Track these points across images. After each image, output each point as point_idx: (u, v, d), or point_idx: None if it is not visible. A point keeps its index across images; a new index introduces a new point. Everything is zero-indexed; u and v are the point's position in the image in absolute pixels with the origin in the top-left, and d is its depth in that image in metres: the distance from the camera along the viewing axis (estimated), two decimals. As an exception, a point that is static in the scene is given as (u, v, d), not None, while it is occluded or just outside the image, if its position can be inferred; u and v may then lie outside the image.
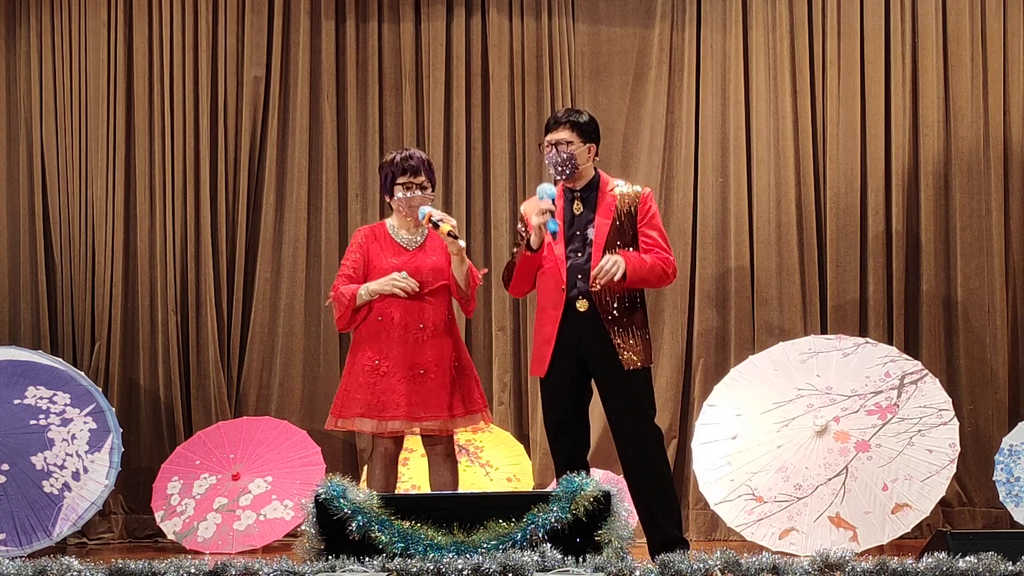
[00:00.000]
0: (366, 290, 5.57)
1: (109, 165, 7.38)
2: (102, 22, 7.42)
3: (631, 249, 5.46)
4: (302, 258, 7.37)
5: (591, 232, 5.46)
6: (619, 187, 5.54)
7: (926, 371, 6.44)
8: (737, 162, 7.22)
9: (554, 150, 5.48)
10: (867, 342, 6.56)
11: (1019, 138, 7.11)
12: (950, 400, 6.34)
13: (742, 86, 7.25)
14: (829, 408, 6.32)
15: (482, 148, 7.39)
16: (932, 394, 6.33)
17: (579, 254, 5.46)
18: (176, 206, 7.37)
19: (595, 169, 5.58)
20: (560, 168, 5.48)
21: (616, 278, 5.31)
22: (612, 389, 5.45)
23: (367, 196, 7.36)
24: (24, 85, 7.46)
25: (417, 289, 5.56)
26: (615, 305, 5.40)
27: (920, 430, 6.23)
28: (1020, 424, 6.57)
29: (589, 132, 5.54)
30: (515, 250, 5.63)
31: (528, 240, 5.44)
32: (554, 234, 5.39)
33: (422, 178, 5.62)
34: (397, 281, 5.53)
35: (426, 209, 5.54)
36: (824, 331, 7.04)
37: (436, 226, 5.49)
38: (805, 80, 7.21)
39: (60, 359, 6.91)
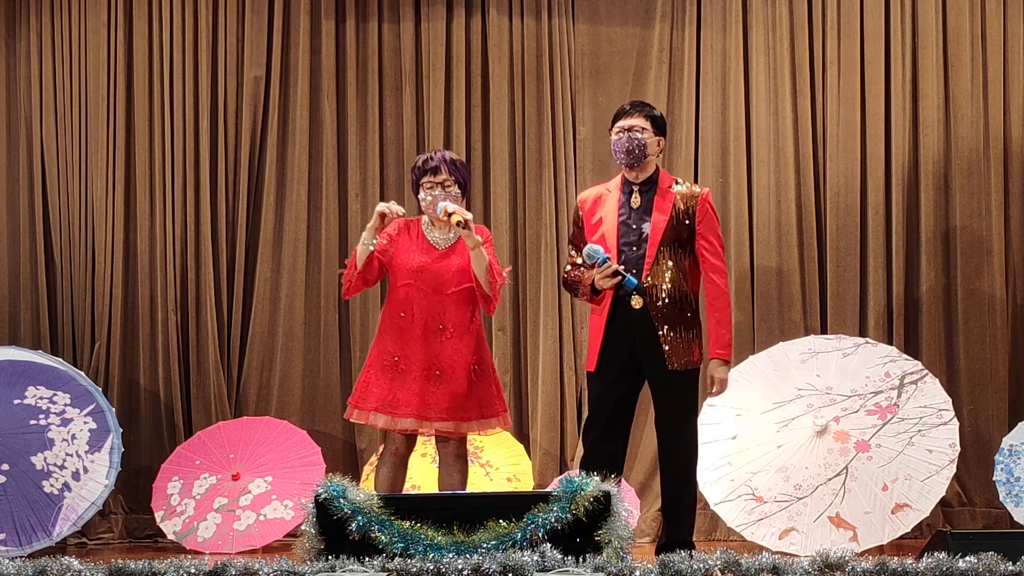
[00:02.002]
0: (361, 240, 5.56)
1: (109, 165, 7.39)
2: (102, 22, 7.42)
3: (688, 248, 5.46)
4: (302, 258, 7.37)
5: (647, 228, 5.46)
6: (678, 185, 5.55)
7: (926, 371, 6.44)
8: (737, 162, 7.22)
9: (626, 136, 5.49)
10: (867, 342, 6.57)
11: (1019, 138, 7.11)
12: (950, 400, 6.34)
13: (742, 86, 7.25)
14: (829, 408, 6.32)
15: (482, 148, 7.39)
16: (932, 394, 6.33)
17: (634, 248, 5.46)
18: (176, 206, 7.37)
19: (656, 165, 5.59)
20: (630, 154, 5.48)
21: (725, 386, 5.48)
22: (660, 388, 5.47)
23: (367, 196, 7.36)
24: (24, 85, 7.46)
25: (403, 211, 5.55)
26: (666, 302, 5.41)
27: (920, 430, 6.23)
28: (1020, 424, 6.57)
29: (661, 125, 5.59)
30: (571, 270, 5.61)
31: (592, 285, 5.44)
32: (635, 287, 5.38)
33: (443, 176, 5.57)
34: (379, 210, 5.50)
35: (443, 204, 5.51)
36: (824, 331, 7.04)
37: (450, 218, 5.47)
38: (805, 80, 7.22)
39: (60, 359, 6.91)
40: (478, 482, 6.80)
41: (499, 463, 6.95)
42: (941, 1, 7.18)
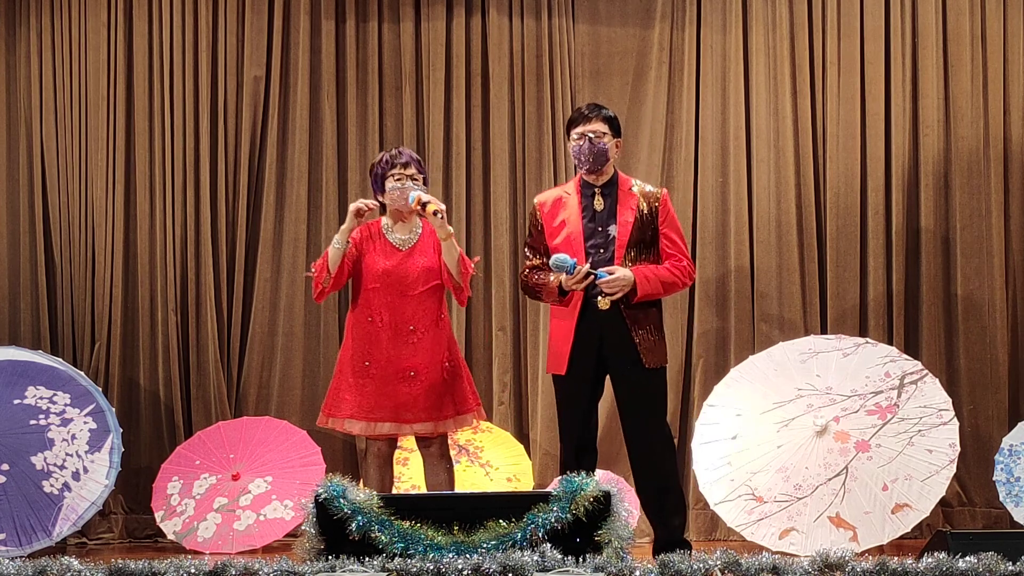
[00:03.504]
0: (332, 244, 5.57)
1: (109, 165, 7.39)
2: (102, 22, 7.42)
3: (652, 249, 5.50)
4: (302, 258, 7.37)
5: (613, 230, 5.47)
6: (638, 186, 5.57)
7: (926, 371, 6.44)
8: (737, 162, 7.22)
9: (587, 142, 5.48)
10: (867, 342, 6.56)
11: (1019, 138, 7.11)
12: (950, 400, 6.34)
13: (742, 86, 7.25)
14: (829, 408, 6.32)
15: (482, 148, 7.39)
16: (932, 394, 6.33)
17: (601, 251, 5.46)
18: (176, 206, 7.37)
19: (614, 167, 5.59)
20: (595, 160, 5.48)
21: (616, 296, 5.35)
22: (630, 387, 5.47)
23: (367, 196, 7.33)
24: (24, 85, 7.46)
25: (376, 204, 5.58)
26: (636, 303, 5.42)
27: (920, 430, 6.23)
28: (1020, 424, 6.57)
29: (617, 127, 5.60)
30: (530, 273, 5.59)
31: (559, 286, 5.42)
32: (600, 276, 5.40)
33: (412, 170, 5.63)
34: (354, 207, 5.55)
35: (415, 193, 5.53)
36: (824, 331, 7.04)
37: (424, 207, 5.48)
38: (805, 80, 7.21)
39: (60, 359, 6.91)
40: (478, 482, 6.81)
41: (499, 463, 6.95)
42: (941, 1, 7.18)
